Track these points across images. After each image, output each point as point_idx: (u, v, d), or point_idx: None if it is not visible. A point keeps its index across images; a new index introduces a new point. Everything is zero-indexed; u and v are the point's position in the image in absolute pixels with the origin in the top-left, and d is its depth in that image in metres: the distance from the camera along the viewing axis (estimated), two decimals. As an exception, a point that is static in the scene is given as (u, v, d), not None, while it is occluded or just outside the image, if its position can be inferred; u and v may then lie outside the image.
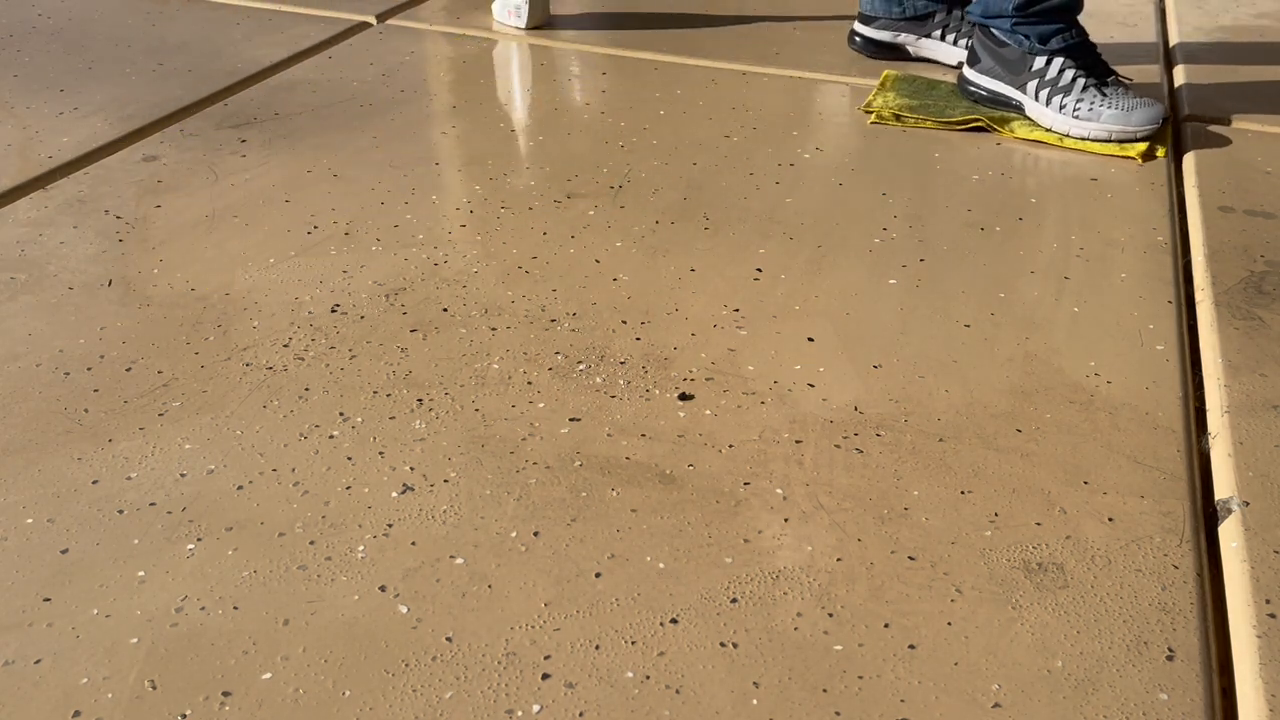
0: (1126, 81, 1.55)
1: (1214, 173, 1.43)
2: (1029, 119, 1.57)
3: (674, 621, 0.75)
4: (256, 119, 1.54)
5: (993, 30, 1.59)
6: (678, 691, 0.70)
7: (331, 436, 0.92)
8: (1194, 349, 1.08)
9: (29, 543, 0.80)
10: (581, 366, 1.02)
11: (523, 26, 1.92)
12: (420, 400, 0.97)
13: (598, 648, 0.73)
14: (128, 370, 0.99)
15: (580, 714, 0.69)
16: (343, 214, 1.28)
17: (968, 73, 1.65)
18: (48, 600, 0.75)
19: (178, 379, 0.99)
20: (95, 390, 0.97)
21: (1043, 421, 0.96)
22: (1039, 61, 1.55)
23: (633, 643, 0.74)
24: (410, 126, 1.53)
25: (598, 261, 1.20)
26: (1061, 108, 1.52)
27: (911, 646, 0.74)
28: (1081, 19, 1.55)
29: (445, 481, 0.87)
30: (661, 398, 0.98)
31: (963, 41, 1.78)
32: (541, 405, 0.96)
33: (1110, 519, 0.85)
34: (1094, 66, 1.54)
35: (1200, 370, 1.04)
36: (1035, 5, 1.54)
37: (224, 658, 0.72)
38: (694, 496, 0.86)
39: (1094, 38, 1.56)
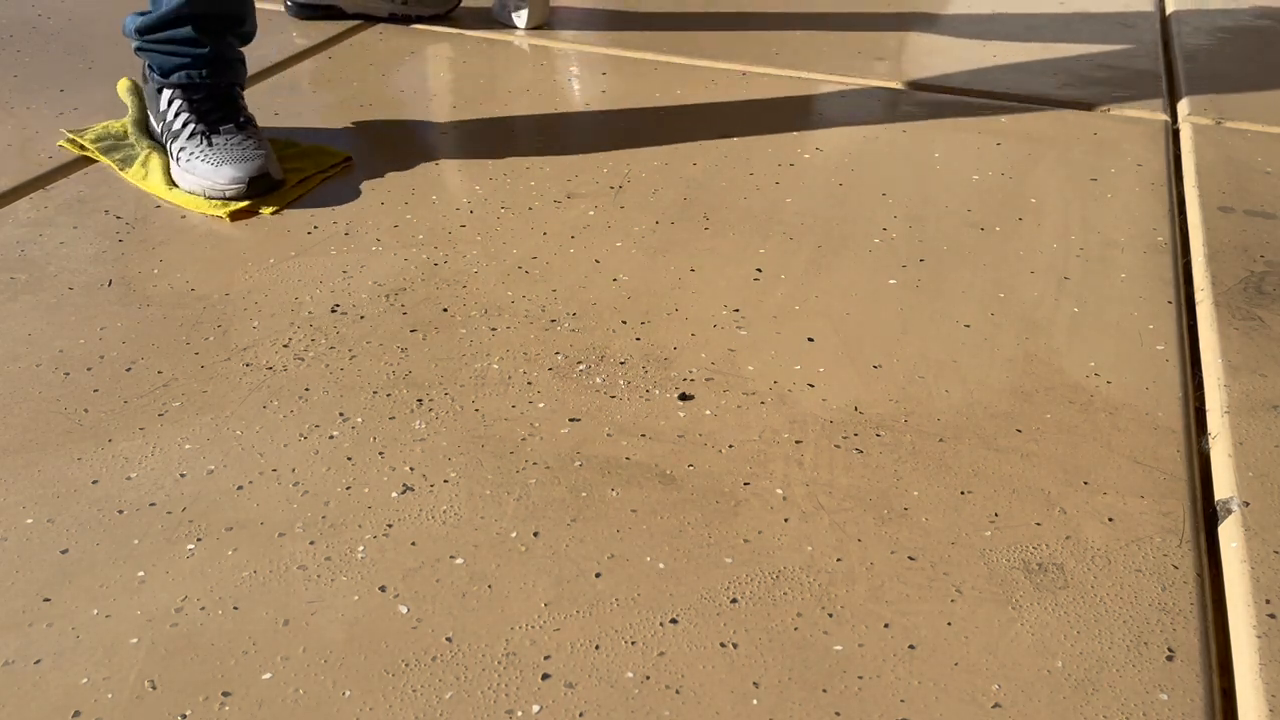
0: (254, 133, 1.32)
1: (1214, 173, 1.43)
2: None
3: (674, 621, 0.75)
4: (256, 119, 1.54)
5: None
6: (678, 691, 0.70)
7: (331, 436, 0.92)
8: (1194, 349, 1.08)
9: (29, 543, 0.80)
10: (581, 366, 1.02)
11: (523, 26, 1.92)
12: (420, 400, 0.97)
13: (598, 648, 0.73)
14: (128, 370, 0.99)
15: (580, 714, 0.69)
16: (343, 214, 1.28)
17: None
18: (48, 600, 0.75)
19: (178, 379, 0.99)
20: (95, 390, 0.97)
21: (1043, 421, 0.96)
22: (163, 99, 1.33)
23: (633, 643, 0.74)
24: (410, 126, 1.53)
25: (598, 261, 1.20)
26: (174, 154, 1.31)
27: (911, 646, 0.74)
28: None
29: (445, 481, 0.87)
30: (661, 398, 0.98)
31: None
32: (541, 405, 0.96)
33: (1110, 519, 0.85)
34: (213, 111, 1.31)
35: (1200, 370, 1.04)
36: (157, 30, 1.31)
37: (224, 658, 0.72)
38: (694, 497, 0.86)
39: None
